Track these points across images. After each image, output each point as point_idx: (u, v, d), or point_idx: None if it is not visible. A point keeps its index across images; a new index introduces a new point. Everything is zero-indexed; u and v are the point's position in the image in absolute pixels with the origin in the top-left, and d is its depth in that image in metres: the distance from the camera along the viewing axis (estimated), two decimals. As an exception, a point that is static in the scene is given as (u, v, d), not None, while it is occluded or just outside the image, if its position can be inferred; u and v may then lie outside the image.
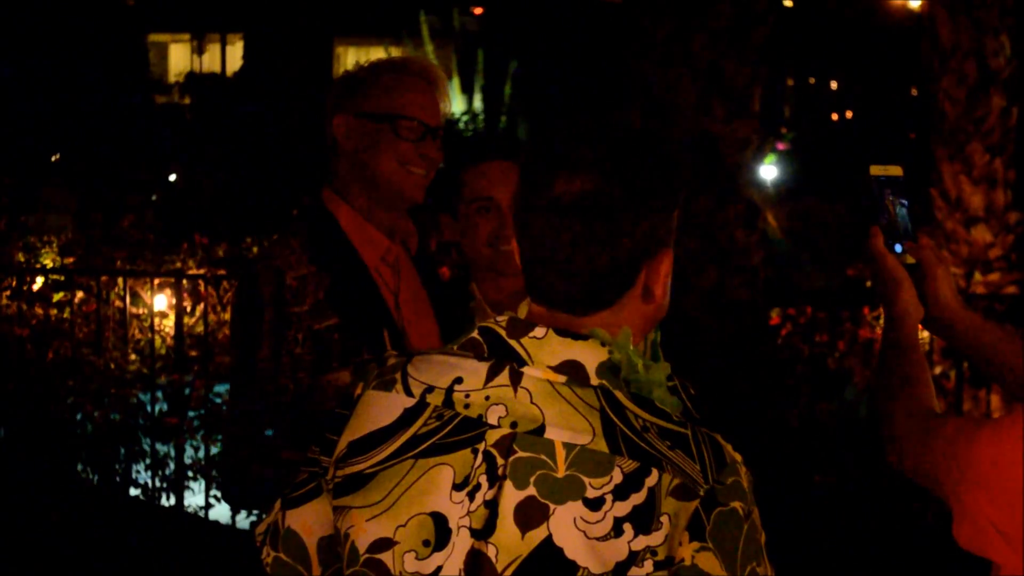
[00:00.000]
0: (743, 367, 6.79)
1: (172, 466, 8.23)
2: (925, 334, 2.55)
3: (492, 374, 1.89)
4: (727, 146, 6.90)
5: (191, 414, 8.27)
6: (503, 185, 3.48)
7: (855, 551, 6.35)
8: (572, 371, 1.86)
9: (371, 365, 2.03)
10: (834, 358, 7.89)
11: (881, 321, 8.27)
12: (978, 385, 8.01)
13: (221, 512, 7.82)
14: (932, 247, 2.51)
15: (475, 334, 1.94)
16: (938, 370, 7.89)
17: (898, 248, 2.49)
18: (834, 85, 40.51)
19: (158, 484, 8.24)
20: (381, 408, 1.95)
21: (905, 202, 2.54)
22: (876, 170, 2.55)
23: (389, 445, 1.91)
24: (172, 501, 8.17)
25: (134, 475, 8.40)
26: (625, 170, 1.87)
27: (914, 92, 31.32)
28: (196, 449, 8.19)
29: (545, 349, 1.87)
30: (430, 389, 1.91)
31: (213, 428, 8.10)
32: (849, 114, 39.05)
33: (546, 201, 1.88)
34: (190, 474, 8.16)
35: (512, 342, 1.89)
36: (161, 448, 8.30)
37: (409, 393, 1.93)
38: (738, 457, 1.85)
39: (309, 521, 2.00)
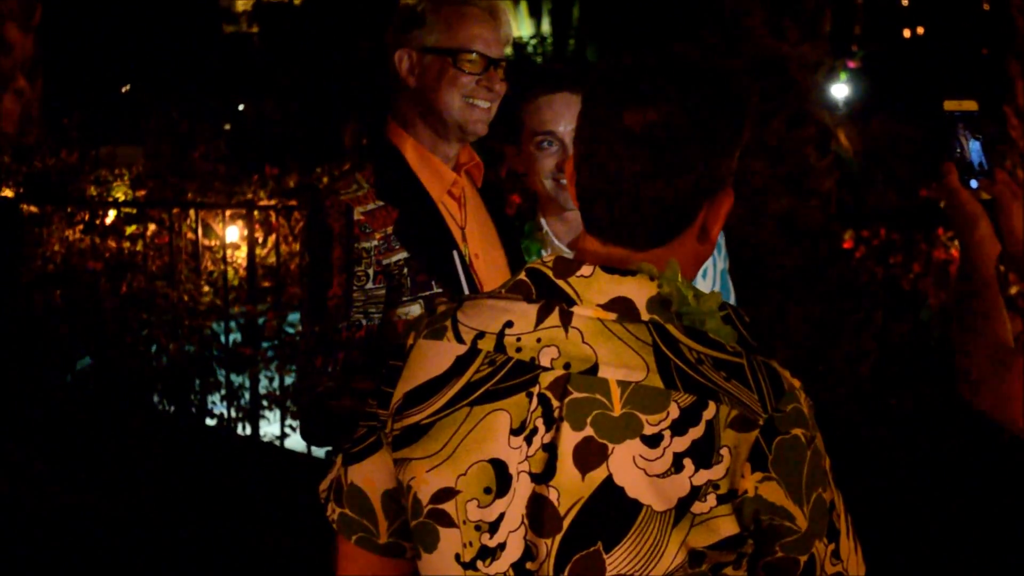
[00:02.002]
0: (816, 291, 6.75)
1: (247, 396, 8.29)
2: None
3: (542, 316, 1.87)
4: (798, 68, 6.83)
5: (265, 344, 8.33)
6: (564, 119, 3.47)
7: (930, 472, 6.33)
8: (622, 308, 1.84)
9: (422, 315, 2.02)
10: (908, 279, 7.82)
11: (956, 242, 8.20)
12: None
13: (296, 441, 7.87)
14: (1008, 182, 2.47)
15: (522, 276, 1.92)
16: (1014, 290, 7.81)
17: (973, 184, 2.44)
18: (905, 1, 40.02)
19: (233, 414, 8.31)
20: (433, 357, 1.93)
21: (980, 137, 2.49)
22: (950, 105, 2.51)
23: (444, 394, 1.90)
24: (248, 431, 8.24)
25: (210, 405, 8.47)
26: (696, 104, 1.85)
27: (986, 7, 30.92)
28: (271, 379, 8.25)
29: (593, 287, 1.85)
30: (481, 335, 1.90)
31: (287, 358, 8.15)
32: (921, 30, 38.59)
33: (613, 132, 1.85)
34: (265, 404, 8.23)
35: (560, 282, 1.87)
36: (236, 379, 8.37)
37: (460, 340, 1.91)
38: (796, 383, 1.84)
39: (371, 475, 2.00)
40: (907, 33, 39.18)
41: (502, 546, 1.84)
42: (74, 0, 21.73)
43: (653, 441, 1.77)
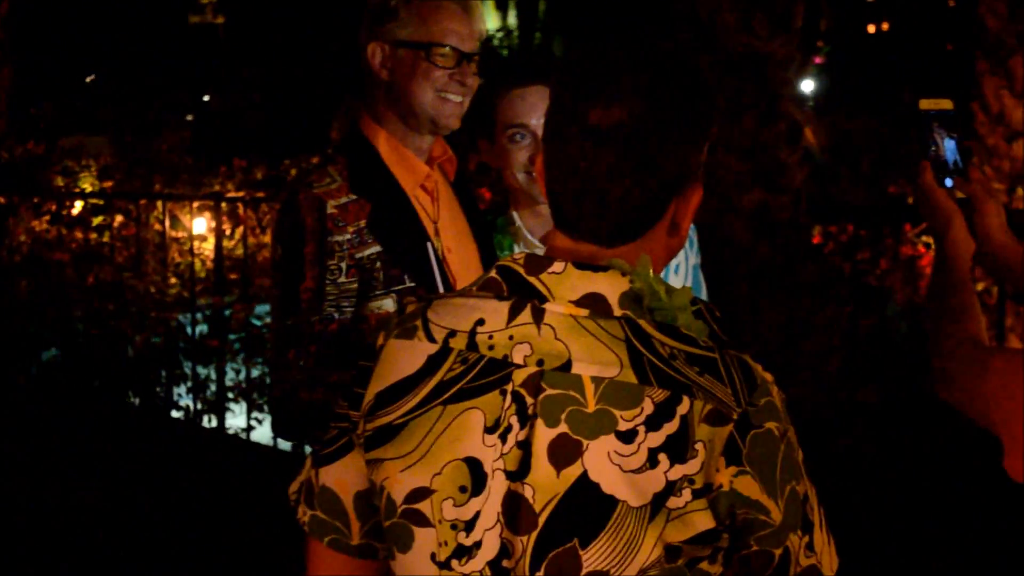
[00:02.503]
0: (787, 287, 6.78)
1: (213, 388, 8.29)
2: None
3: (514, 313, 1.86)
4: (769, 65, 6.84)
5: (232, 337, 8.33)
6: (537, 111, 3.47)
7: (895, 468, 6.36)
8: (594, 304, 1.83)
9: (391, 315, 2.02)
10: (875, 275, 7.85)
11: (923, 238, 8.22)
12: (1022, 301, 7.97)
13: (262, 434, 7.89)
14: (982, 181, 2.48)
15: (493, 273, 1.91)
16: (980, 287, 7.85)
17: (948, 182, 2.46)
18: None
19: (199, 406, 8.31)
20: (404, 357, 1.92)
21: (955, 136, 2.51)
22: (926, 104, 2.52)
23: (416, 394, 1.89)
24: (214, 423, 8.24)
25: (175, 397, 8.47)
26: (663, 100, 1.84)
27: (951, 3, 31.07)
28: (237, 371, 8.25)
29: (565, 284, 1.84)
30: (452, 333, 1.89)
31: (254, 351, 8.16)
32: (885, 26, 38.73)
33: (579, 129, 1.84)
34: (231, 396, 8.22)
35: (531, 279, 1.87)
36: (202, 371, 8.36)
37: (431, 339, 1.90)
38: (769, 377, 1.84)
39: (343, 477, 1.99)
40: (871, 29, 39.31)
41: (478, 544, 1.83)
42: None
43: (628, 437, 1.76)
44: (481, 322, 1.88)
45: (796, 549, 1.81)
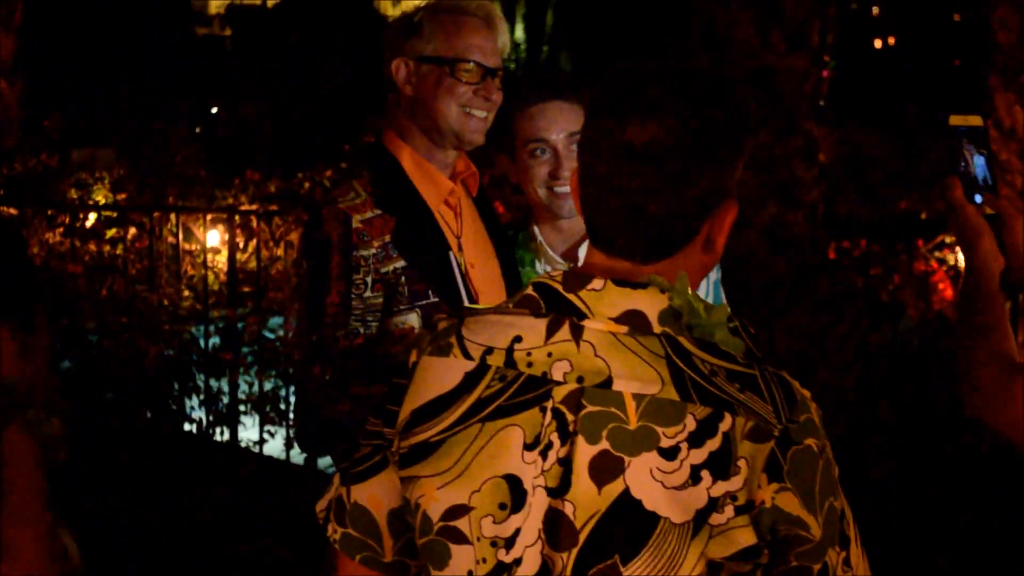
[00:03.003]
0: (802, 302, 6.77)
1: (226, 401, 8.28)
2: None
3: (552, 330, 1.86)
4: (786, 80, 6.85)
5: (244, 349, 8.32)
6: (557, 127, 3.48)
7: (910, 483, 6.35)
8: (634, 321, 1.83)
9: (423, 331, 2.01)
10: (888, 291, 7.84)
11: (936, 254, 8.21)
12: (1036, 317, 7.96)
13: (274, 446, 7.88)
14: (1012, 197, 2.48)
15: (530, 291, 1.91)
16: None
17: (977, 198, 2.46)
18: (875, 11, 40.15)
19: (212, 419, 8.29)
20: (440, 374, 1.91)
21: (984, 152, 2.51)
22: (956, 120, 2.52)
23: (453, 411, 1.88)
24: (226, 436, 8.23)
25: (188, 410, 8.45)
26: (698, 117, 1.84)
27: (956, 18, 31.05)
28: (250, 384, 8.23)
29: (604, 301, 1.84)
30: (489, 350, 1.88)
31: (267, 363, 8.14)
32: (892, 40, 38.72)
33: (615, 146, 1.85)
34: (243, 409, 8.21)
35: (570, 296, 1.86)
36: (215, 383, 8.35)
37: (468, 356, 1.90)
38: (807, 393, 1.84)
39: (377, 494, 1.98)
40: (878, 44, 39.28)
41: (518, 561, 1.83)
42: (54, 1, 21.61)
43: (670, 454, 1.76)
44: (519, 339, 1.87)
45: (834, 564, 1.81)
